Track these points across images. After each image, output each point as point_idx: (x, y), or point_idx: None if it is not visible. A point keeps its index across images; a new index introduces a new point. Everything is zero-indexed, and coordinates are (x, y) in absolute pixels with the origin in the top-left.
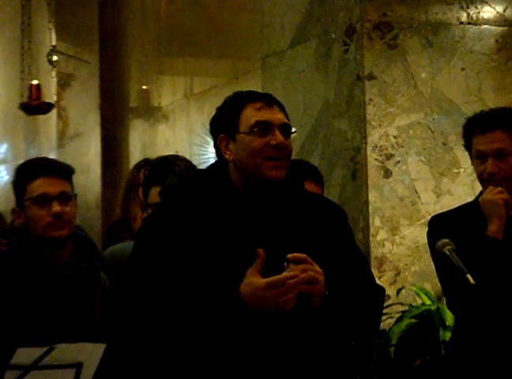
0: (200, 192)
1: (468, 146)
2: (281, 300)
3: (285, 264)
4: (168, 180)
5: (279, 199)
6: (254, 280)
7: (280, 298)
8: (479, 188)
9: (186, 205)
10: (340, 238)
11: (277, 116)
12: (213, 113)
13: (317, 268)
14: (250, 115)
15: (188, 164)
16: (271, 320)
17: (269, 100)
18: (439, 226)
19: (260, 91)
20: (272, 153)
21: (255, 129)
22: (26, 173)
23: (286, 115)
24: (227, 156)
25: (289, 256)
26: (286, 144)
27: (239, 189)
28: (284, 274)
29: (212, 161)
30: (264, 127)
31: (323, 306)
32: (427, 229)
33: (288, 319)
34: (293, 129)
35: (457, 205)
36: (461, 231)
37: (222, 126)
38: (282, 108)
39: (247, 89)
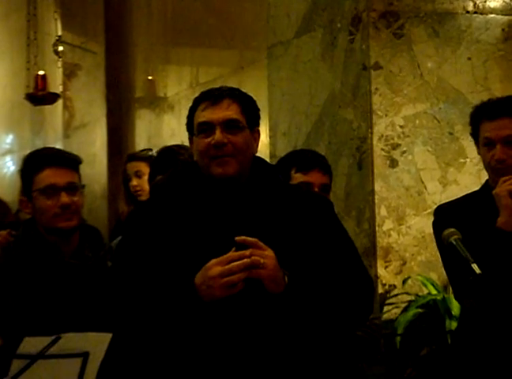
0: (176, 186)
1: (475, 134)
2: (227, 280)
3: (234, 248)
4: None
5: (248, 191)
6: (207, 264)
7: (226, 276)
8: (485, 177)
9: (164, 199)
10: (322, 228)
11: (219, 114)
12: None
13: (267, 252)
14: (196, 117)
15: (187, 158)
16: (226, 308)
17: (216, 97)
18: (445, 215)
19: (266, 81)
20: (213, 153)
21: (198, 131)
22: (34, 163)
23: (244, 107)
24: (194, 156)
25: (237, 238)
26: (231, 140)
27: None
28: (231, 253)
29: None
30: (206, 128)
31: (283, 293)
32: (432, 219)
33: (244, 305)
34: (241, 124)
35: (462, 195)
36: (467, 221)
37: (187, 127)
38: (240, 101)
39: (256, 83)
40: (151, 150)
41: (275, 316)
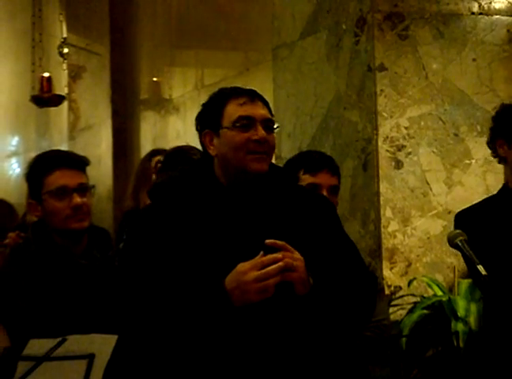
0: (185, 188)
1: (505, 132)
2: (263, 284)
3: (262, 252)
4: (158, 178)
5: (263, 192)
6: (238, 267)
7: (262, 281)
8: (490, 179)
9: (172, 201)
10: (327, 229)
11: (260, 111)
12: None
13: (296, 255)
14: (233, 110)
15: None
16: (256, 312)
17: (252, 96)
18: (466, 221)
19: (271, 82)
20: (254, 148)
21: (238, 124)
22: (43, 166)
23: (270, 111)
24: (211, 151)
25: (267, 241)
26: (268, 138)
27: (223, 183)
28: (268, 256)
29: None
30: (246, 122)
31: (309, 294)
32: (438, 220)
33: (274, 309)
34: (276, 125)
35: (468, 196)
36: (489, 225)
37: (206, 122)
38: (266, 104)
39: (261, 85)
40: None
41: (301, 317)
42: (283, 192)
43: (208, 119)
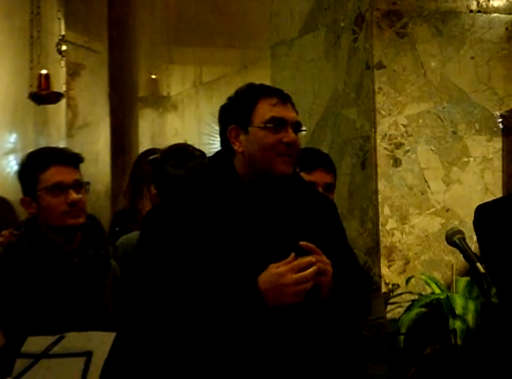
0: (205, 182)
1: None
2: (303, 287)
3: (294, 253)
4: (168, 170)
5: (283, 191)
6: (273, 268)
7: (301, 284)
8: (488, 176)
9: (191, 196)
10: (332, 230)
11: (291, 114)
12: (223, 102)
13: (325, 258)
14: (266, 110)
15: (201, 154)
16: (284, 313)
17: (283, 97)
18: (487, 214)
19: (269, 80)
20: (284, 150)
21: (270, 125)
22: (37, 162)
23: (296, 112)
24: (236, 147)
25: (301, 243)
26: (297, 141)
27: (244, 180)
28: (308, 258)
29: None
30: (278, 123)
31: (329, 297)
32: (436, 218)
33: (301, 311)
34: (303, 128)
35: (466, 194)
36: (510, 219)
37: (234, 117)
38: (293, 105)
39: (259, 82)
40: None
41: (323, 319)
42: (301, 194)
43: (237, 115)
